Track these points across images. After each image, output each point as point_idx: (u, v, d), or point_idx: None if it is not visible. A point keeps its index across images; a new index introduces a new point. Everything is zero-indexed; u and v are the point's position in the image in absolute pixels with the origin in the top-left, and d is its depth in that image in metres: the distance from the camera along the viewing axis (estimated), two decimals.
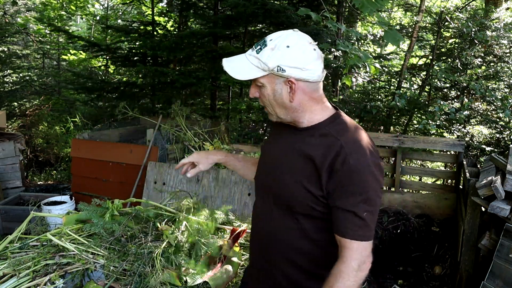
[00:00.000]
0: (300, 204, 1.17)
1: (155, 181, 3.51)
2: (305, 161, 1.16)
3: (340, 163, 1.09)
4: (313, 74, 1.15)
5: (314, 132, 1.19)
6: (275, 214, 1.25)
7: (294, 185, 1.17)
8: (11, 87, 7.57)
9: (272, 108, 1.20)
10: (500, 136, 4.91)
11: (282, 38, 1.14)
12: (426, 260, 3.69)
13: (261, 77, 1.16)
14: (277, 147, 1.28)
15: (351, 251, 1.10)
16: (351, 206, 1.09)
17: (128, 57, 6.08)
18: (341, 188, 1.10)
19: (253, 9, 4.47)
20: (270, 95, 1.17)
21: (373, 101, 5.55)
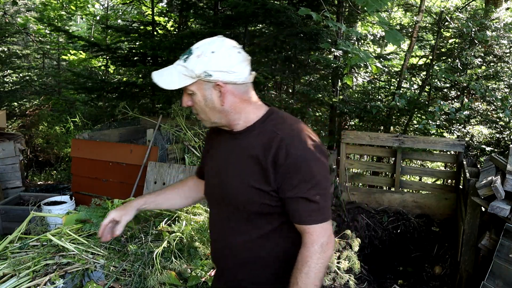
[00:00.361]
0: (254, 205, 1.19)
1: (155, 181, 3.51)
2: (249, 161, 1.19)
3: (283, 156, 1.13)
4: (240, 76, 1.18)
5: (252, 132, 1.22)
6: (232, 222, 1.26)
7: (244, 187, 1.19)
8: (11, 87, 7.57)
9: (205, 114, 1.22)
10: (500, 136, 4.91)
11: (207, 44, 1.19)
12: (426, 260, 3.69)
13: (191, 85, 1.18)
14: (219, 155, 1.30)
15: (312, 235, 1.13)
16: (303, 193, 1.12)
17: (128, 57, 6.07)
18: (290, 179, 1.13)
19: (253, 9, 4.47)
20: (201, 101, 1.20)
21: (373, 101, 5.54)
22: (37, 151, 7.05)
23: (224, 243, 1.31)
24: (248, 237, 1.23)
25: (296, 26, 4.74)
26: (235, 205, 1.24)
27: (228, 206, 1.26)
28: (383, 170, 5.16)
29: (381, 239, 3.93)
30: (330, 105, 5.57)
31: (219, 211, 1.32)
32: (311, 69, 5.93)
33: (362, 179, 4.84)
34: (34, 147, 7.07)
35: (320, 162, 1.16)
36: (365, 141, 4.39)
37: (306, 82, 6.50)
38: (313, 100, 5.54)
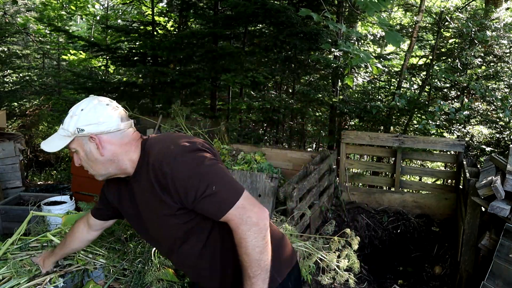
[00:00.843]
0: (179, 229, 1.27)
1: None
2: (150, 198, 1.25)
3: (163, 177, 1.18)
4: (110, 125, 1.27)
5: (140, 171, 1.29)
6: (175, 251, 1.35)
7: (160, 220, 1.27)
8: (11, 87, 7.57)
9: (92, 168, 1.31)
10: (500, 136, 4.91)
11: (78, 105, 1.30)
12: (426, 260, 3.69)
13: (71, 143, 1.29)
14: (131, 203, 1.38)
15: (233, 221, 1.15)
16: (200, 193, 1.15)
17: (128, 57, 6.07)
18: (183, 190, 1.16)
19: (253, 9, 4.48)
20: (84, 156, 1.29)
21: (373, 101, 5.55)
22: (37, 151, 7.05)
23: (178, 265, 1.47)
24: (191, 255, 1.31)
25: (296, 26, 4.74)
26: (165, 238, 1.33)
27: (158, 239, 1.38)
28: (383, 170, 5.16)
29: (381, 239, 3.93)
30: (330, 105, 5.57)
31: (160, 247, 1.47)
32: (311, 69, 5.93)
33: (362, 179, 4.84)
34: (34, 147, 7.07)
35: (194, 157, 1.18)
36: (365, 141, 4.39)
37: (306, 82, 6.51)
38: (313, 100, 5.54)
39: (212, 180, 1.16)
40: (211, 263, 1.31)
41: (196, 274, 1.37)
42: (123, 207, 1.43)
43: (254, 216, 1.15)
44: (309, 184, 3.16)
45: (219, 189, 1.15)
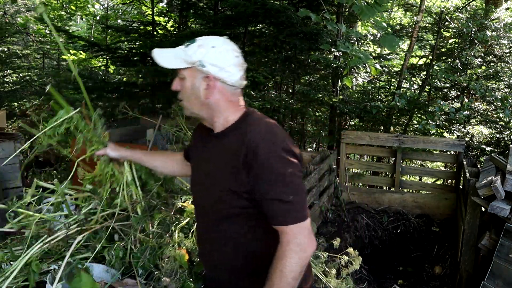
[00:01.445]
0: (234, 209, 1.21)
1: None
2: (224, 163, 1.21)
3: (253, 158, 1.13)
4: (231, 77, 1.21)
5: (229, 133, 1.25)
6: (208, 221, 1.30)
7: (216, 188, 1.23)
8: (11, 87, 7.57)
9: (189, 102, 1.26)
10: (500, 136, 4.92)
11: (210, 39, 1.24)
12: (426, 260, 3.69)
13: (184, 70, 1.23)
14: (202, 157, 1.34)
15: (288, 235, 1.13)
16: (275, 195, 1.13)
17: (128, 57, 6.07)
18: (261, 181, 1.13)
19: (253, 9, 4.47)
20: (188, 88, 1.23)
21: (373, 101, 5.55)
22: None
23: (204, 242, 1.36)
24: (223, 237, 1.26)
25: (296, 26, 4.74)
26: (208, 205, 1.28)
27: (204, 205, 1.31)
28: (383, 170, 5.16)
29: (381, 239, 3.94)
30: (330, 105, 5.57)
31: (199, 208, 1.37)
32: (311, 69, 5.93)
33: (362, 179, 4.84)
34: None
35: (290, 162, 1.16)
36: (365, 141, 4.39)
37: (306, 82, 6.51)
38: (313, 100, 5.54)
39: (292, 191, 1.14)
40: (237, 256, 1.26)
41: (217, 260, 1.31)
42: (195, 156, 1.40)
43: (306, 243, 1.14)
44: (309, 184, 3.16)
45: (293, 201, 1.13)
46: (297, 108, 5.84)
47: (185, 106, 1.28)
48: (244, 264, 1.27)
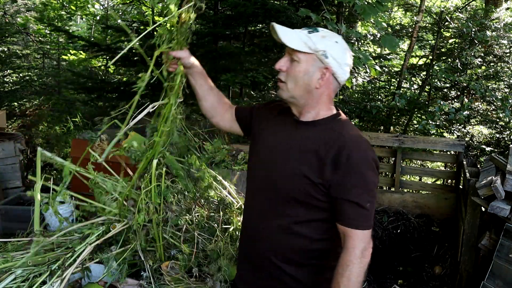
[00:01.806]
0: (301, 193, 1.21)
1: None
2: (309, 152, 1.21)
3: (344, 157, 1.17)
4: (343, 75, 1.25)
5: (317, 126, 1.25)
6: (270, 205, 1.28)
7: (297, 175, 1.21)
8: (11, 87, 7.57)
9: (294, 85, 1.23)
10: (500, 136, 4.91)
11: (332, 33, 1.25)
12: (426, 260, 3.69)
13: (302, 53, 1.21)
14: (277, 138, 1.31)
15: (354, 240, 1.16)
16: (355, 197, 1.16)
17: (128, 57, 6.07)
18: (345, 181, 1.16)
19: (253, 9, 4.47)
20: (300, 72, 1.22)
21: (373, 101, 5.54)
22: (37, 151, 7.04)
23: (257, 226, 1.32)
24: (284, 222, 1.25)
25: (296, 26, 4.73)
26: (279, 188, 1.25)
27: (271, 189, 1.28)
28: (383, 170, 5.16)
29: (381, 239, 3.93)
30: None
31: (259, 191, 1.33)
32: None
33: None
34: (34, 147, 7.06)
35: (374, 173, 1.21)
36: None
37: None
38: None
39: (370, 199, 1.19)
40: (293, 238, 1.25)
41: (266, 236, 1.29)
42: (264, 136, 1.36)
43: (368, 250, 1.18)
44: None
45: (368, 208, 1.18)
46: None
47: (287, 88, 1.25)
48: (296, 248, 1.26)
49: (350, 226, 1.16)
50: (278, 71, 1.26)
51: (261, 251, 1.31)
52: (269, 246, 1.29)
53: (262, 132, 1.38)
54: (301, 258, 1.27)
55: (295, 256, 1.27)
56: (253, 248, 1.35)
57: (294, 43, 1.20)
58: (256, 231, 1.33)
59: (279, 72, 1.26)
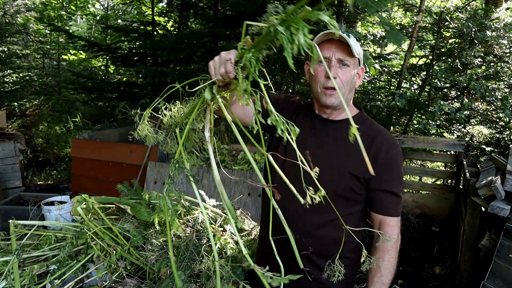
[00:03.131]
0: (344, 189, 1.27)
1: (155, 181, 3.51)
2: (349, 149, 1.26)
3: (384, 153, 1.26)
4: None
5: (350, 124, 1.26)
6: (311, 207, 1.27)
7: (340, 172, 1.27)
8: (11, 87, 7.57)
9: (347, 90, 1.29)
10: (500, 136, 4.91)
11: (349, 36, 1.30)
12: (426, 260, 3.69)
13: (352, 58, 1.25)
14: (311, 140, 1.34)
15: (392, 227, 1.28)
16: (393, 188, 1.27)
17: (128, 57, 6.07)
18: (385, 173, 1.26)
19: (253, 9, 4.47)
20: (350, 77, 1.27)
21: (373, 101, 5.54)
22: (37, 151, 7.05)
23: (299, 224, 1.31)
24: (328, 217, 1.29)
25: None
26: (324, 186, 1.24)
27: (313, 189, 1.30)
28: None
29: None
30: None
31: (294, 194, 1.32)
32: None
33: None
34: (34, 147, 7.07)
35: (403, 165, 1.33)
36: None
37: (306, 82, 6.50)
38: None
39: (402, 188, 1.31)
40: (333, 234, 1.28)
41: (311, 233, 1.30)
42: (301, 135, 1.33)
43: (399, 236, 1.31)
44: None
45: (401, 197, 1.30)
46: None
47: (338, 94, 1.26)
48: (336, 242, 1.28)
49: (389, 214, 1.28)
50: (330, 79, 1.25)
51: (300, 248, 1.32)
52: (311, 242, 1.31)
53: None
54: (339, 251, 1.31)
55: (333, 250, 1.29)
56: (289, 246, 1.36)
57: (354, 51, 1.24)
58: (297, 228, 1.32)
59: (329, 80, 1.25)
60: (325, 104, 1.30)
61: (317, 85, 1.29)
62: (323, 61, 0.85)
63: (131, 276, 1.73)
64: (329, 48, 1.25)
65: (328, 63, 1.25)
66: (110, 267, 1.70)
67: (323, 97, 1.28)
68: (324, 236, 1.30)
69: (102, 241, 1.71)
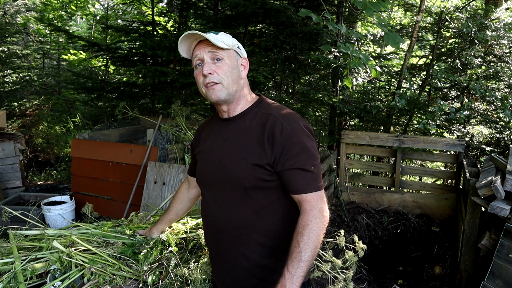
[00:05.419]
0: (252, 180, 1.26)
1: (155, 181, 3.51)
2: (247, 140, 1.28)
3: (278, 132, 1.24)
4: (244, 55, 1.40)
5: (247, 115, 1.34)
6: (229, 200, 1.32)
7: (244, 164, 1.27)
8: (11, 87, 7.57)
9: (228, 82, 1.31)
10: (500, 136, 4.91)
11: (213, 33, 1.33)
12: (426, 260, 3.69)
13: (223, 51, 1.30)
14: (215, 141, 1.39)
15: (309, 203, 1.22)
16: (299, 165, 1.23)
17: (128, 57, 6.07)
18: (286, 152, 1.23)
19: (253, 9, 4.47)
20: (229, 68, 1.30)
21: (373, 101, 5.55)
22: (37, 151, 7.05)
23: (221, 220, 1.35)
24: (247, 211, 1.30)
25: (296, 26, 4.74)
26: (234, 182, 1.30)
27: (226, 185, 1.33)
28: (383, 170, 5.16)
29: (381, 239, 3.93)
30: (330, 105, 5.57)
31: (215, 191, 1.38)
32: (311, 69, 5.93)
33: (362, 179, 4.84)
34: (34, 147, 7.07)
35: (311, 138, 1.28)
36: (365, 141, 4.39)
37: (306, 82, 6.51)
38: (313, 100, 5.54)
39: (314, 163, 1.25)
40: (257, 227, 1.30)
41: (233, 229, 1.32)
42: (205, 144, 1.43)
43: (325, 209, 1.24)
44: None
45: (314, 171, 1.24)
46: (297, 108, 5.84)
47: (224, 86, 1.31)
48: (262, 234, 1.31)
49: (302, 192, 1.22)
50: (207, 76, 1.29)
51: (231, 243, 1.34)
52: (234, 237, 1.32)
53: (200, 147, 1.46)
54: (270, 241, 1.31)
55: (266, 241, 1.31)
56: (218, 242, 1.39)
57: (221, 43, 1.29)
58: (219, 226, 1.37)
59: (206, 77, 1.29)
60: (214, 100, 1.32)
61: (200, 87, 1.34)
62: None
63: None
64: (198, 50, 1.32)
65: (203, 62, 1.31)
66: (105, 281, 1.68)
67: (209, 95, 1.31)
68: (253, 229, 1.31)
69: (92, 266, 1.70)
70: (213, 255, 1.44)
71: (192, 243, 1.89)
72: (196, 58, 1.32)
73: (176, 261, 1.71)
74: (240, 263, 1.32)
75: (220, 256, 1.39)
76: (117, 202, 3.92)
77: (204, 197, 1.45)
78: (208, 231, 1.44)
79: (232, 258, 1.34)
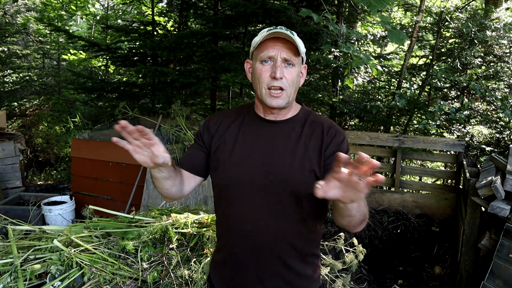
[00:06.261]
0: (307, 187, 1.17)
1: None
2: (301, 147, 1.23)
3: (334, 141, 1.24)
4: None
5: (295, 123, 1.28)
6: (276, 207, 1.22)
7: (299, 169, 1.21)
8: (11, 87, 7.57)
9: (291, 90, 1.23)
10: (500, 136, 4.91)
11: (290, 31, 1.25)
12: (426, 260, 3.69)
13: (296, 57, 1.21)
14: (258, 140, 1.26)
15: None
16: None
17: (128, 57, 6.07)
18: (338, 149, 1.23)
19: (253, 9, 4.47)
20: (295, 76, 1.23)
21: (373, 101, 5.54)
22: (37, 151, 7.05)
23: (267, 227, 1.23)
24: (296, 219, 1.24)
25: (296, 26, 4.74)
26: (286, 188, 1.21)
27: (273, 190, 1.21)
28: (383, 170, 5.16)
29: (381, 239, 3.93)
30: (330, 105, 5.57)
31: (255, 196, 1.24)
32: (311, 69, 5.93)
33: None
34: (34, 147, 7.07)
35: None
36: (365, 141, 4.39)
37: (306, 82, 6.51)
38: (313, 100, 5.54)
39: None
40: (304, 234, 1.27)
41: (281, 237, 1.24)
42: (237, 141, 1.27)
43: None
44: None
45: None
46: None
47: (286, 95, 1.22)
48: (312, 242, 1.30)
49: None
50: (277, 79, 1.19)
51: (272, 253, 1.25)
52: (280, 247, 1.25)
53: (232, 143, 1.29)
54: (310, 248, 1.30)
55: (305, 248, 1.29)
56: (257, 253, 1.27)
57: (300, 48, 1.19)
58: (264, 234, 1.25)
59: (276, 80, 1.19)
60: (271, 106, 1.22)
61: (261, 85, 1.21)
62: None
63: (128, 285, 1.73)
64: (274, 47, 1.20)
65: (273, 62, 1.20)
66: (104, 280, 1.68)
67: (268, 99, 1.21)
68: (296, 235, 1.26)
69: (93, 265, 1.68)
70: (240, 261, 1.29)
71: (194, 241, 1.89)
72: (267, 54, 1.20)
73: (177, 260, 1.71)
74: (279, 271, 1.26)
75: (253, 263, 1.27)
76: (117, 202, 3.92)
77: (234, 203, 1.27)
78: (241, 239, 1.27)
79: (272, 266, 1.26)
